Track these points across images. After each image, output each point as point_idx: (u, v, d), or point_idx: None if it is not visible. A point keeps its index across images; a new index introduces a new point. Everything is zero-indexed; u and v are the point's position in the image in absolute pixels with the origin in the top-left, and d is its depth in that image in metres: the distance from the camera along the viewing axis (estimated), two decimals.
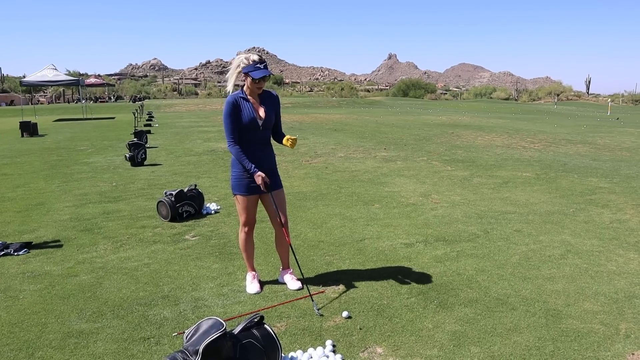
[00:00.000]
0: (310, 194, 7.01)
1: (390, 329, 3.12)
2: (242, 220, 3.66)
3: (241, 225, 3.70)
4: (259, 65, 3.34)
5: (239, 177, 3.56)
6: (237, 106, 3.42)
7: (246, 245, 3.74)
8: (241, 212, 3.63)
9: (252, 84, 3.39)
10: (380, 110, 33.17)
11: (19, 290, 3.77)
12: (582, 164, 9.88)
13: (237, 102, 3.42)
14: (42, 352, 2.88)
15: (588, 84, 76.89)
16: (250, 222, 3.67)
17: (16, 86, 54.42)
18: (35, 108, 36.96)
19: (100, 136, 16.56)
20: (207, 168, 9.44)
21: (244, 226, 3.68)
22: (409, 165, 9.62)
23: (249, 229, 3.69)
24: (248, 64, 3.34)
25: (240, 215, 3.64)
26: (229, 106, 3.41)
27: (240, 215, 3.64)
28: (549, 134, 16.50)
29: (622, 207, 6.23)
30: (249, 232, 3.71)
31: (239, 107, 3.42)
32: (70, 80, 28.85)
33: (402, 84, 75.74)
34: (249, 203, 3.59)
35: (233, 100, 3.42)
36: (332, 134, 15.74)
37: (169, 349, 2.89)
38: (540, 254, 4.46)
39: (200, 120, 23.25)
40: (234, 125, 3.42)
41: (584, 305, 3.42)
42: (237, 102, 3.42)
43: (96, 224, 5.59)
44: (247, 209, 3.60)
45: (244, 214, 3.62)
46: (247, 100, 3.46)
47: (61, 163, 10.38)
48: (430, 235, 5.04)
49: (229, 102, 3.42)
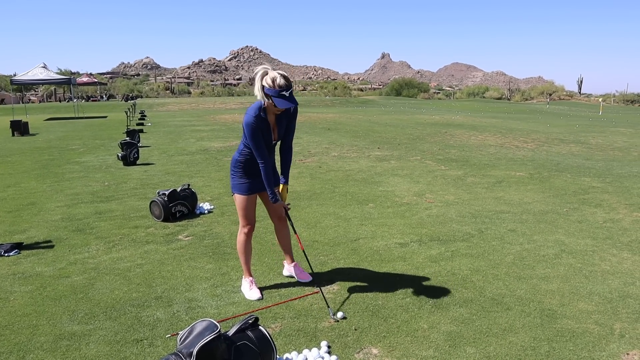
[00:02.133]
0: (304, 194, 6.99)
1: (386, 329, 3.10)
2: (243, 220, 3.60)
3: (241, 227, 3.64)
4: (284, 92, 3.16)
5: (241, 179, 3.53)
6: (259, 128, 3.30)
7: (245, 248, 3.66)
8: (241, 212, 3.58)
9: (272, 106, 3.26)
10: (373, 110, 33.19)
11: (9, 292, 3.72)
12: (575, 163, 9.93)
13: (258, 124, 3.29)
14: (34, 355, 2.84)
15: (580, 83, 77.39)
16: (250, 221, 3.61)
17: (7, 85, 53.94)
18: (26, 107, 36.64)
19: (92, 135, 16.44)
20: (200, 167, 9.39)
21: (244, 227, 3.62)
22: (403, 164, 9.62)
23: (249, 230, 3.62)
24: (272, 87, 3.16)
25: (240, 215, 3.60)
26: (252, 130, 3.27)
27: (240, 215, 3.60)
28: (542, 133, 16.58)
29: (615, 206, 6.25)
30: (249, 234, 3.64)
31: (260, 128, 3.31)
32: (62, 79, 28.66)
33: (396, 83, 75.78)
34: (248, 202, 3.56)
35: (254, 123, 3.27)
36: (325, 133, 15.72)
37: (162, 351, 2.86)
38: (534, 254, 4.47)
39: (193, 119, 23.15)
40: (261, 144, 3.32)
41: (579, 305, 3.43)
42: (258, 124, 3.29)
43: (88, 224, 5.54)
44: (247, 208, 3.57)
45: (244, 214, 3.58)
46: (266, 120, 3.33)
47: (53, 162, 10.28)
48: (425, 235, 5.03)
49: (251, 125, 3.26)
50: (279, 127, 3.45)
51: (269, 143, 3.44)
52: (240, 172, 3.53)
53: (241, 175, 3.53)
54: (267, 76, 3.19)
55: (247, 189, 3.53)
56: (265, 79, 3.19)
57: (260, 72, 3.23)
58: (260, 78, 3.21)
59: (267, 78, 3.19)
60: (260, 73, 3.22)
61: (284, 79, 3.18)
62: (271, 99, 3.19)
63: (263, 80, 3.19)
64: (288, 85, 3.19)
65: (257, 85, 3.23)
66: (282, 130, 3.48)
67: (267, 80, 3.18)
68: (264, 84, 3.19)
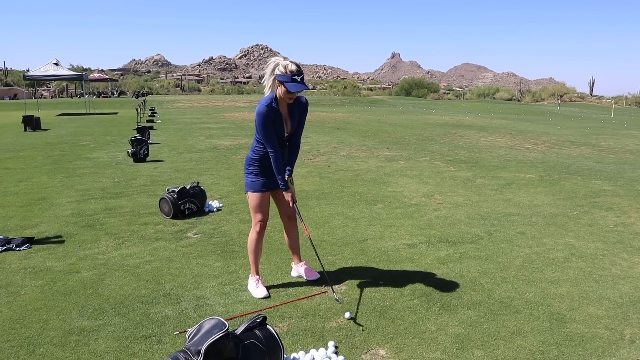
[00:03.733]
0: (312, 193, 6.99)
1: (393, 330, 3.10)
2: (256, 218, 3.61)
3: (253, 225, 3.64)
4: (296, 77, 3.22)
5: (254, 177, 3.55)
6: (270, 117, 3.34)
7: (255, 247, 3.66)
8: (254, 210, 3.59)
9: (286, 94, 3.29)
10: (382, 109, 33.12)
11: (20, 286, 3.75)
12: (585, 166, 9.84)
13: (269, 113, 3.33)
14: (43, 349, 2.87)
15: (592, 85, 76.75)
16: (263, 220, 3.61)
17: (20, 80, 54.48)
18: (38, 102, 37.00)
19: (102, 131, 16.56)
20: (210, 165, 9.42)
21: (256, 225, 3.62)
22: (412, 165, 9.59)
23: (261, 229, 3.62)
24: (285, 73, 3.23)
25: (253, 213, 3.61)
26: (264, 118, 3.31)
27: (253, 213, 3.61)
28: (553, 135, 16.45)
29: (626, 210, 6.19)
30: (261, 233, 3.64)
31: (271, 118, 3.34)
32: (74, 75, 28.86)
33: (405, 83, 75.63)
34: (262, 200, 3.57)
35: (266, 112, 3.31)
36: (334, 133, 15.71)
37: (170, 348, 2.88)
38: (543, 257, 4.44)
39: (203, 117, 23.24)
40: (272, 134, 3.35)
41: (589, 310, 3.40)
42: (269, 113, 3.33)
43: (98, 220, 5.58)
44: (260, 206, 3.58)
45: (257, 212, 3.59)
46: (278, 110, 3.38)
47: (64, 158, 10.37)
48: (433, 236, 5.01)
49: (263, 114, 3.31)
50: (291, 119, 3.47)
51: (282, 136, 3.45)
52: (254, 170, 3.55)
53: (255, 172, 3.55)
54: (278, 66, 3.28)
55: (260, 186, 3.54)
56: (278, 67, 3.27)
57: (272, 63, 3.33)
58: (270, 74, 3.31)
59: (279, 67, 3.27)
60: (273, 64, 3.31)
61: (296, 65, 3.27)
62: (284, 85, 3.24)
63: (276, 70, 3.28)
64: (299, 70, 3.28)
65: (268, 73, 3.33)
66: (294, 122, 3.50)
67: (280, 68, 3.26)
68: (277, 72, 3.27)
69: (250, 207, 3.63)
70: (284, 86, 3.25)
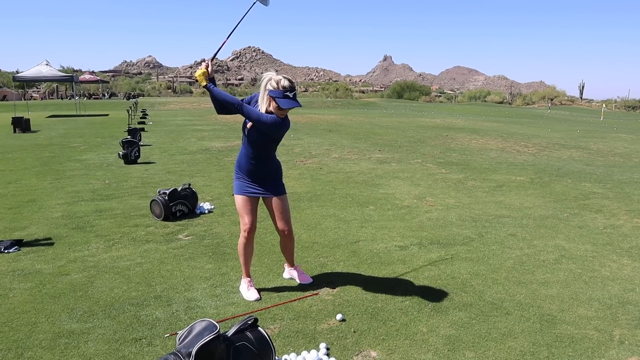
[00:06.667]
0: (304, 195, 6.99)
1: (385, 332, 3.10)
2: (242, 222, 3.58)
3: (241, 229, 3.61)
4: (288, 93, 3.23)
5: (237, 180, 3.57)
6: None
7: (244, 250, 3.63)
8: (240, 213, 3.58)
9: (277, 110, 3.29)
10: (374, 112, 33.20)
11: (8, 289, 3.71)
12: (575, 168, 9.93)
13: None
14: (32, 352, 2.84)
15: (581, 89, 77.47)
16: (249, 224, 3.55)
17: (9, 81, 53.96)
18: (28, 104, 36.65)
19: (93, 133, 16.45)
20: (201, 167, 9.39)
21: (243, 230, 3.58)
22: (404, 167, 9.62)
23: (248, 233, 3.57)
24: (277, 89, 3.23)
25: (240, 217, 3.59)
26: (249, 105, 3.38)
27: (240, 217, 3.59)
28: (543, 138, 16.58)
29: (615, 212, 6.25)
30: (249, 237, 3.59)
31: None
32: (64, 77, 28.70)
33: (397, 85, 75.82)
34: (244, 204, 3.55)
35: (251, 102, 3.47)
36: (326, 135, 15.72)
37: (161, 350, 2.86)
38: (534, 259, 4.47)
39: (195, 119, 23.17)
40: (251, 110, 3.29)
41: (578, 311, 3.43)
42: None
43: (88, 222, 5.54)
44: (245, 209, 3.55)
45: (242, 215, 3.56)
46: None
47: (54, 160, 10.29)
48: (425, 238, 5.03)
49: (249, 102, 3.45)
50: None
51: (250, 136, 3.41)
52: (238, 174, 3.57)
53: (238, 176, 3.57)
54: (271, 80, 3.26)
55: (242, 188, 3.54)
56: (270, 82, 3.25)
57: (265, 78, 3.30)
58: (264, 90, 3.29)
59: (271, 81, 3.25)
60: (266, 79, 3.29)
61: (288, 81, 3.25)
62: (275, 100, 3.23)
63: (268, 85, 3.26)
64: (292, 86, 3.26)
65: (262, 89, 3.31)
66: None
67: (272, 83, 3.24)
68: (269, 87, 3.25)
69: (237, 211, 3.62)
70: (275, 102, 3.24)
